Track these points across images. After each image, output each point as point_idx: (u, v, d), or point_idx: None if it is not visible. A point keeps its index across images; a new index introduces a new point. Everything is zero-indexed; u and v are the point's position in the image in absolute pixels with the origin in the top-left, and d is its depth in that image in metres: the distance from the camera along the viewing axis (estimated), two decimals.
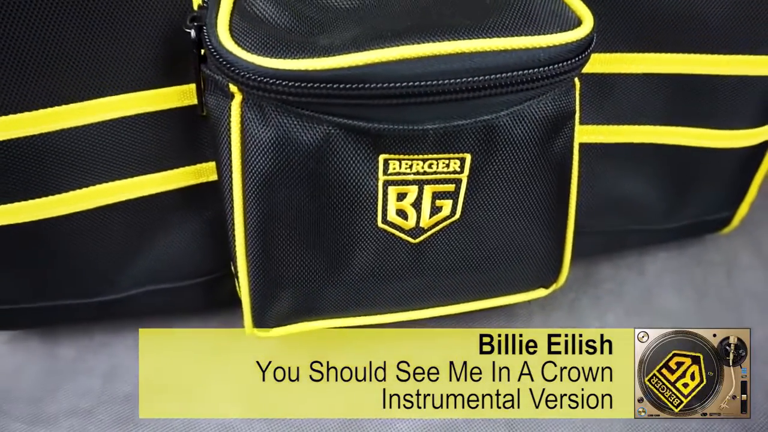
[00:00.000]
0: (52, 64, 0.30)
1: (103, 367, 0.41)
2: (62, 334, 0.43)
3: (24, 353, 0.42)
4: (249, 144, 0.30)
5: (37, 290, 0.37)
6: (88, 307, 0.39)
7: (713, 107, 0.39)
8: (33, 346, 0.43)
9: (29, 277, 0.36)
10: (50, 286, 0.37)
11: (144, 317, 0.43)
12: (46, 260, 0.36)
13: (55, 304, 0.38)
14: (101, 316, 0.40)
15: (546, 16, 0.30)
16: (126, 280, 0.38)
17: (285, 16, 0.30)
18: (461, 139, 0.30)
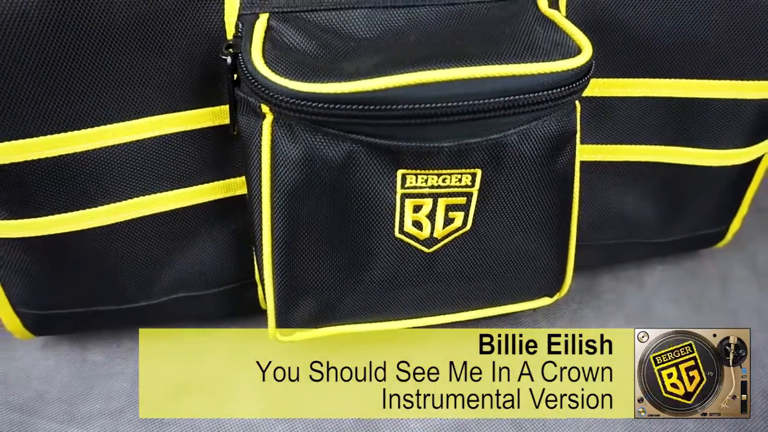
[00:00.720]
0: (99, 88, 0.33)
1: (131, 372, 0.44)
2: (91, 341, 0.46)
3: (56, 358, 0.45)
4: (278, 160, 0.33)
5: (75, 297, 0.40)
6: (123, 313, 0.41)
7: (705, 128, 0.42)
8: (64, 351, 0.45)
9: (69, 284, 0.39)
10: (88, 293, 0.40)
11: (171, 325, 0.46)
12: (85, 268, 0.38)
13: (92, 310, 0.41)
14: (133, 323, 0.43)
15: (549, 45, 0.33)
16: (158, 288, 0.41)
17: (312, 44, 0.33)
18: (473, 156, 0.33)
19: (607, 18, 0.38)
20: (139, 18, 0.32)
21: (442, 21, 0.35)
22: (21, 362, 0.44)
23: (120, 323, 0.43)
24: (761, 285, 0.51)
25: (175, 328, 0.46)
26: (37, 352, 0.45)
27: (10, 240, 0.36)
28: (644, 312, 0.48)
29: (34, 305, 0.40)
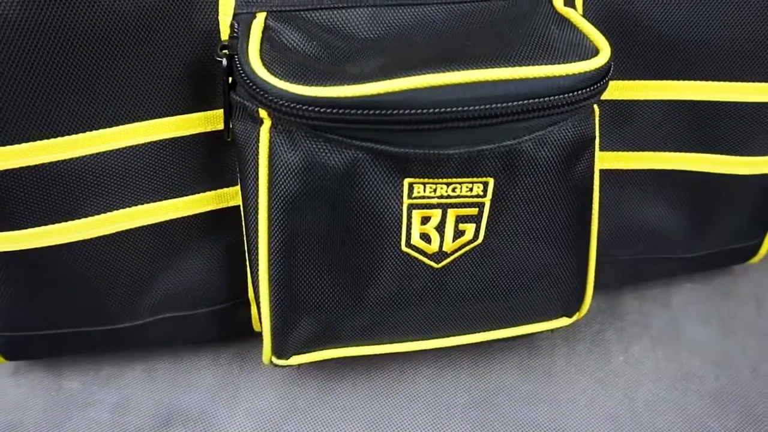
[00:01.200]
0: (82, 92, 0.35)
1: (111, 400, 0.45)
2: (67, 367, 0.47)
3: (29, 386, 0.46)
4: (276, 168, 0.35)
5: (52, 317, 0.41)
6: (103, 335, 0.43)
7: (732, 134, 0.44)
8: (38, 378, 0.46)
9: (46, 303, 0.41)
10: (66, 314, 0.41)
11: (154, 349, 0.47)
12: (64, 286, 0.40)
13: (70, 332, 0.42)
14: (114, 346, 0.44)
15: (565, 46, 0.35)
16: (143, 308, 0.42)
17: (313, 45, 0.35)
18: (484, 164, 0.35)
19: (628, 15, 0.40)
20: (126, 18, 0.34)
21: (450, 20, 0.37)
22: None
23: (100, 347, 0.44)
24: None
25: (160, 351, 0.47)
26: (8, 379, 0.46)
27: None
28: (672, 334, 0.50)
29: (7, 327, 0.41)
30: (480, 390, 0.46)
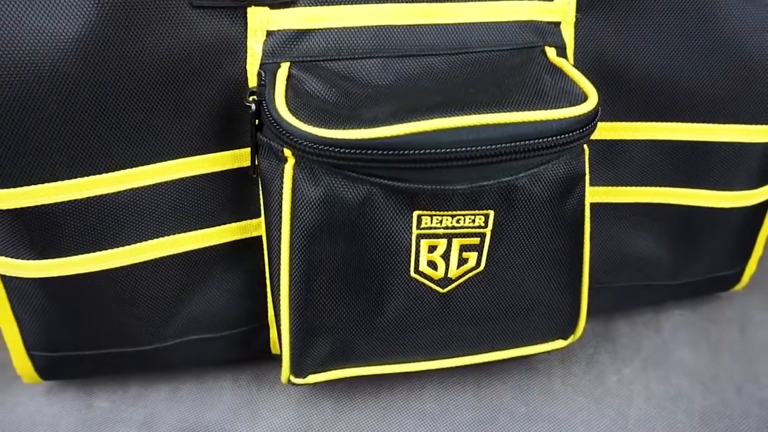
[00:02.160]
0: (125, 133, 0.39)
1: (138, 418, 0.48)
2: (97, 386, 0.50)
3: (61, 405, 0.49)
4: (299, 201, 0.39)
5: (88, 339, 0.45)
6: (133, 356, 0.46)
7: (713, 170, 0.48)
8: (69, 397, 0.50)
9: (83, 326, 0.44)
10: (101, 336, 0.45)
11: (178, 369, 0.50)
12: (100, 310, 0.44)
13: (103, 353, 0.46)
14: (142, 367, 0.48)
15: (557, 93, 0.39)
16: (171, 330, 0.46)
17: (332, 92, 0.39)
18: (486, 198, 0.39)
19: (615, 64, 0.44)
20: (166, 68, 0.39)
21: (454, 69, 0.41)
22: (25, 408, 0.49)
23: (129, 367, 0.48)
24: None
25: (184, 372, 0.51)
26: (42, 398, 0.50)
27: (32, 280, 0.41)
28: (662, 357, 0.53)
29: (46, 348, 0.45)
30: (483, 408, 0.49)
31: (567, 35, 0.44)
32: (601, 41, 0.44)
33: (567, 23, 0.44)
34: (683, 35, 0.44)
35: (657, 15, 0.43)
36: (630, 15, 0.43)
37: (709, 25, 0.43)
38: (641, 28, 0.44)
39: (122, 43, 0.37)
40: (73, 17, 0.36)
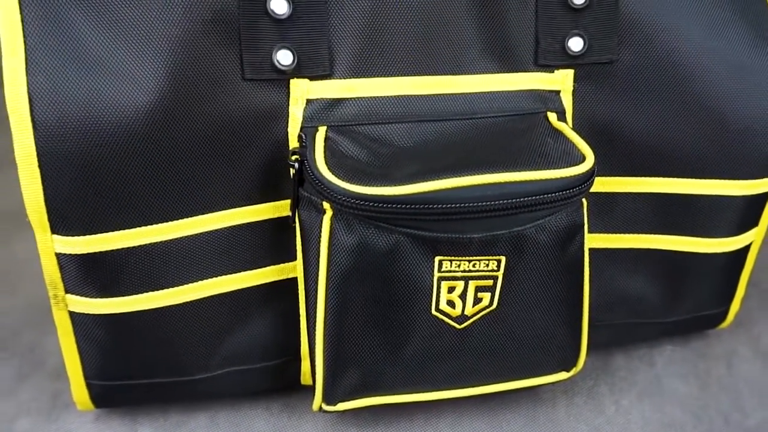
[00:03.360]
0: (183, 188, 0.45)
1: None
2: (140, 414, 0.55)
3: (108, 430, 0.54)
4: (335, 248, 0.44)
5: (140, 369, 0.50)
6: (180, 385, 0.51)
7: (697, 220, 0.54)
8: (115, 424, 0.55)
9: (137, 357, 0.49)
10: (152, 366, 0.50)
11: (215, 398, 0.55)
12: (153, 343, 0.49)
13: (152, 382, 0.51)
14: (186, 395, 0.53)
15: (558, 154, 0.45)
16: (214, 362, 0.51)
17: (363, 153, 0.46)
18: (498, 245, 0.45)
19: (607, 127, 0.51)
20: (221, 131, 0.45)
21: (468, 132, 0.48)
22: None
23: (175, 395, 0.53)
24: (764, 364, 0.61)
25: (220, 401, 0.56)
26: (91, 425, 0.54)
27: (95, 316, 0.47)
28: (656, 389, 0.59)
29: (102, 377, 0.50)
30: None
31: (566, 102, 0.50)
32: (595, 107, 0.51)
33: (566, 92, 0.50)
34: (667, 102, 0.50)
35: (644, 85, 0.50)
36: (620, 85, 0.50)
37: (690, 95, 0.50)
38: (630, 96, 0.50)
39: (185, 110, 0.43)
40: (145, 90, 0.42)
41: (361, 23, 0.46)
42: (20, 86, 0.41)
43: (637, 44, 0.49)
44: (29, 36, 0.41)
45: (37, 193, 0.42)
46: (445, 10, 0.47)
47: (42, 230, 0.43)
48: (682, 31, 0.49)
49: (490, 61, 0.49)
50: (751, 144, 0.51)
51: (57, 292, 0.45)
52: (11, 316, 0.65)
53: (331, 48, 0.46)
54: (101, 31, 0.42)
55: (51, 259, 0.44)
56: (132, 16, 0.42)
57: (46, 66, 0.41)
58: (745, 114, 0.50)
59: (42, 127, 0.41)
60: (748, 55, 0.50)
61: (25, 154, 0.41)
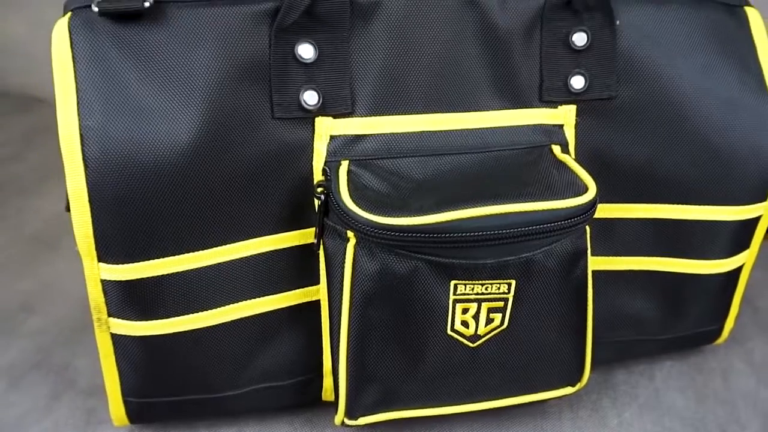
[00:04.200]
0: (217, 220, 0.49)
1: None
2: (171, 428, 0.59)
3: None
4: (358, 273, 0.48)
5: (173, 387, 0.54)
6: (210, 402, 0.55)
7: (692, 243, 0.58)
8: None
9: (171, 376, 0.53)
10: (184, 384, 0.54)
11: (241, 414, 0.59)
12: (187, 362, 0.53)
13: (185, 399, 0.54)
14: (216, 412, 0.56)
15: (563, 186, 0.49)
16: (244, 380, 0.55)
17: (384, 185, 0.50)
18: (509, 270, 0.48)
19: (607, 157, 0.55)
20: (252, 165, 0.49)
21: (480, 165, 0.52)
22: None
23: (205, 411, 0.56)
24: (758, 377, 0.65)
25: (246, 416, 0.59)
26: None
27: (134, 338, 0.51)
28: (656, 402, 0.62)
29: (139, 395, 0.54)
30: None
31: (569, 135, 0.55)
32: (596, 139, 0.55)
33: (569, 125, 0.54)
34: (663, 135, 0.54)
35: (641, 119, 0.54)
36: (619, 119, 0.54)
37: (684, 128, 0.54)
38: (628, 129, 0.55)
39: (220, 147, 0.47)
40: (185, 130, 0.46)
41: (379, 66, 0.50)
42: (73, 128, 0.45)
43: (635, 82, 0.54)
44: (81, 83, 0.45)
45: (86, 225, 0.46)
46: (456, 52, 0.51)
47: (89, 258, 0.47)
48: (677, 70, 0.54)
49: (499, 98, 0.53)
50: (741, 172, 0.55)
51: (101, 316, 0.49)
52: (43, 337, 0.68)
53: (353, 89, 0.50)
54: (145, 79, 0.46)
55: (96, 285, 0.48)
56: (173, 64, 0.46)
57: (96, 110, 0.45)
58: (735, 145, 0.55)
59: (92, 164, 0.45)
60: (737, 91, 0.54)
61: (77, 189, 0.45)
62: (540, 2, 0.52)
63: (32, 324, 0.70)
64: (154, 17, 0.46)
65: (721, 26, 0.55)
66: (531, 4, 0.52)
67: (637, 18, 0.54)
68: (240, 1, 0.48)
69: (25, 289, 0.75)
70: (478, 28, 0.51)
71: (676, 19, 0.54)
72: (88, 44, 0.46)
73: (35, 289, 0.75)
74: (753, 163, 0.55)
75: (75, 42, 0.46)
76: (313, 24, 0.48)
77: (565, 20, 0.53)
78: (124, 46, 0.46)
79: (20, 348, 0.67)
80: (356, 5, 0.49)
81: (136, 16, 0.46)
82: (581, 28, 0.53)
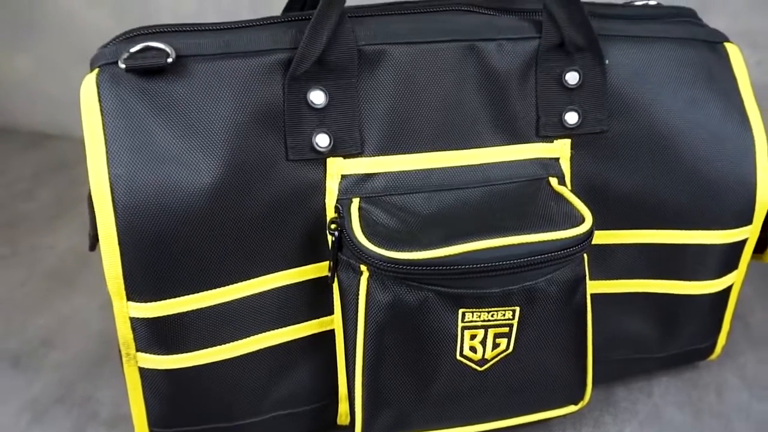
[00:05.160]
0: (238, 257, 0.52)
1: None
2: None
3: None
4: (371, 304, 0.51)
5: (197, 416, 0.56)
6: (231, 430, 0.57)
7: (684, 266, 0.61)
8: None
9: (194, 406, 0.56)
10: (207, 413, 0.56)
11: None
12: (209, 392, 0.55)
13: (207, 428, 0.57)
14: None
15: (561, 217, 0.52)
16: (263, 407, 0.57)
17: (394, 221, 0.53)
18: (513, 298, 0.51)
19: (601, 188, 0.58)
20: (269, 205, 0.52)
21: (483, 199, 0.55)
22: None
23: None
24: (750, 391, 0.68)
25: None
26: None
27: (160, 371, 0.53)
28: (654, 417, 0.65)
29: (164, 425, 0.56)
30: None
31: (565, 167, 0.58)
32: (590, 170, 0.58)
33: (564, 158, 0.58)
34: (653, 165, 0.58)
35: (632, 151, 0.58)
36: (611, 151, 0.58)
37: (672, 158, 0.58)
38: (620, 161, 0.58)
39: (239, 190, 0.50)
40: (206, 176, 0.49)
41: (386, 109, 0.54)
42: (102, 177, 0.48)
43: (625, 116, 0.57)
44: (109, 134, 0.48)
45: (116, 266, 0.49)
46: (458, 95, 0.55)
47: (119, 298, 0.50)
48: (664, 104, 0.57)
49: (498, 135, 0.56)
50: (727, 199, 0.59)
51: (129, 351, 0.52)
52: (64, 371, 0.71)
53: (362, 131, 0.53)
54: (169, 128, 0.49)
55: (125, 323, 0.51)
56: (195, 114, 0.49)
57: (124, 159, 0.48)
58: (721, 174, 0.58)
59: (121, 210, 0.48)
60: (721, 123, 0.58)
61: (107, 233, 0.48)
62: (534, 45, 0.56)
63: (53, 358, 0.72)
64: (175, 71, 0.50)
65: (704, 62, 0.59)
66: (526, 47, 0.56)
67: (626, 57, 0.57)
68: (254, 54, 0.51)
69: (44, 325, 0.77)
70: (477, 71, 0.55)
71: (662, 56, 0.58)
72: (114, 98, 0.49)
73: (54, 324, 0.78)
74: (738, 190, 0.59)
75: (102, 96, 0.49)
76: (324, 72, 0.52)
77: (558, 61, 0.56)
78: (148, 99, 0.49)
79: (43, 382, 0.69)
80: (363, 54, 0.53)
81: (160, 71, 0.49)
82: (573, 67, 0.56)
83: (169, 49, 0.49)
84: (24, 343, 0.74)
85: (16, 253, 0.89)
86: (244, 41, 0.51)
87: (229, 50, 0.51)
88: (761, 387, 0.69)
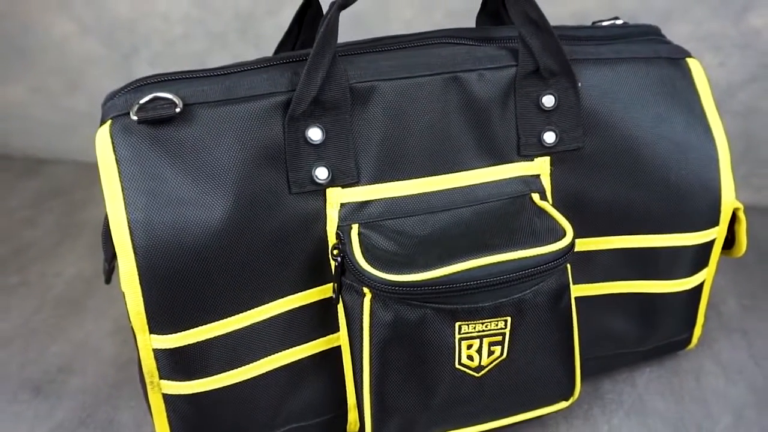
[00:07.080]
0: (249, 286, 0.56)
1: None
2: None
3: None
4: (375, 322, 0.55)
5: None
6: None
7: (659, 267, 0.66)
8: None
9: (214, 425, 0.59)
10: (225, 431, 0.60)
11: None
12: (227, 412, 0.59)
13: None
14: None
15: (545, 232, 0.57)
16: (276, 422, 0.61)
17: (391, 244, 0.56)
18: (504, 309, 0.56)
19: (580, 199, 0.63)
20: (275, 235, 0.56)
21: (473, 218, 0.59)
22: None
23: None
24: (726, 377, 0.73)
25: None
26: None
27: (182, 396, 0.57)
28: (639, 406, 0.70)
29: None
30: None
31: (545, 183, 0.62)
32: (569, 184, 0.62)
33: (544, 175, 0.62)
34: (625, 176, 0.62)
35: (606, 164, 0.62)
36: (587, 165, 0.62)
37: (643, 169, 0.62)
38: (596, 174, 0.62)
39: (247, 225, 0.54)
40: (216, 214, 0.53)
41: (379, 140, 0.57)
42: (122, 221, 0.51)
43: (599, 133, 0.61)
44: (125, 181, 0.51)
45: (138, 303, 0.52)
46: (444, 123, 0.59)
47: (142, 332, 0.53)
48: (634, 120, 0.61)
49: (483, 157, 0.60)
50: (695, 204, 0.63)
51: (153, 379, 0.55)
52: (85, 396, 0.74)
53: (357, 161, 0.57)
54: (180, 172, 0.52)
55: (149, 354, 0.54)
56: (203, 157, 0.53)
57: (140, 204, 0.51)
58: (688, 181, 0.63)
59: (140, 251, 0.51)
60: (686, 135, 0.62)
61: (129, 273, 0.52)
62: (512, 73, 0.60)
63: (73, 384, 0.76)
64: (183, 118, 0.53)
65: (668, 78, 0.64)
66: (504, 75, 0.60)
67: (596, 78, 0.62)
68: (255, 98, 0.54)
69: (59, 351, 0.80)
70: (461, 100, 0.59)
71: (629, 76, 0.62)
72: (128, 147, 0.52)
73: (69, 350, 0.81)
74: (704, 195, 0.63)
75: (117, 145, 0.52)
76: (319, 110, 0.55)
77: (535, 86, 0.60)
78: (159, 146, 0.52)
79: (65, 408, 0.72)
80: (355, 91, 0.56)
81: (169, 120, 0.53)
82: (549, 91, 0.60)
83: (177, 99, 0.53)
84: (43, 371, 0.77)
85: (26, 282, 0.92)
86: (244, 87, 0.55)
87: (231, 96, 0.54)
88: (736, 371, 0.74)
